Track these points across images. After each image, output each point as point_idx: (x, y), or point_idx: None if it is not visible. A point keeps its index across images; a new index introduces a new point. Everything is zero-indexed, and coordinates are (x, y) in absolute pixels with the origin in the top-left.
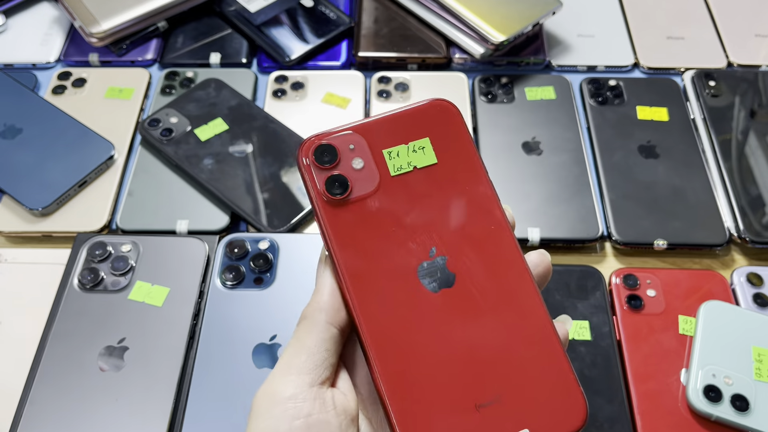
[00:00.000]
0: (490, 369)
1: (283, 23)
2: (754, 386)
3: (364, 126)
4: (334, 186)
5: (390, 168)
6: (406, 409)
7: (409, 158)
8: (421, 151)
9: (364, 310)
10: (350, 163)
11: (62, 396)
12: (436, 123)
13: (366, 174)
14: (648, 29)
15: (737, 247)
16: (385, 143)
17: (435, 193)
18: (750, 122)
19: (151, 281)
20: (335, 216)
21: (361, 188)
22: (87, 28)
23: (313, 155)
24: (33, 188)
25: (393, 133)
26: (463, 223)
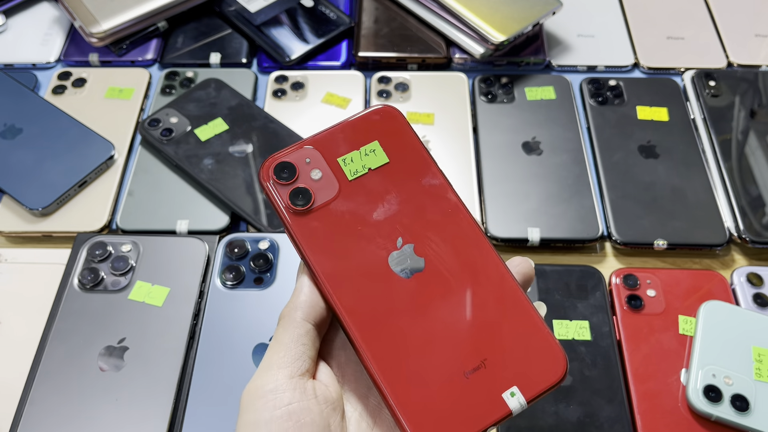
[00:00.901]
0: (471, 338)
1: (283, 23)
2: (754, 386)
3: (316, 139)
4: (297, 198)
5: (347, 173)
6: (401, 387)
7: (363, 161)
8: (372, 153)
9: (344, 304)
10: (309, 175)
11: (62, 396)
12: (382, 127)
13: (325, 183)
14: (648, 29)
15: (737, 247)
16: (338, 152)
17: (392, 188)
18: (750, 122)
19: (151, 281)
20: (303, 225)
21: (322, 196)
22: (87, 28)
23: (273, 174)
24: (33, 188)
25: (344, 141)
26: (423, 212)
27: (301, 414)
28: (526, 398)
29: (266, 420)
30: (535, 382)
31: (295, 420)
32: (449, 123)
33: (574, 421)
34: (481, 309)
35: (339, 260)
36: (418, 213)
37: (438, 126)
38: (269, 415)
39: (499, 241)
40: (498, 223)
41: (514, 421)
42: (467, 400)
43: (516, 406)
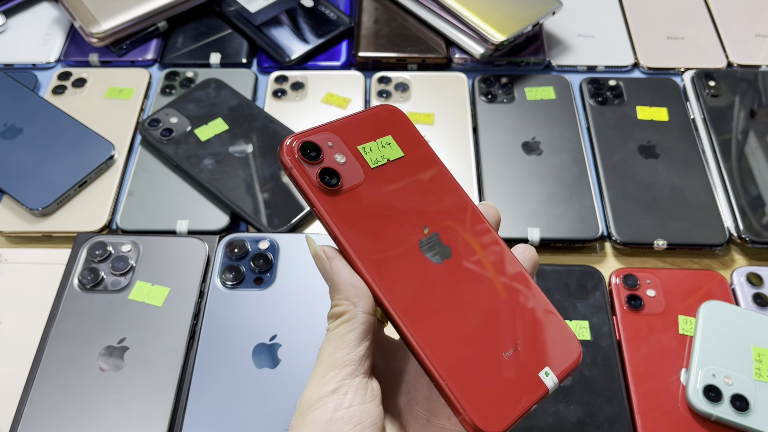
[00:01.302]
0: (504, 323)
1: (283, 23)
2: (754, 386)
3: (335, 126)
4: (328, 177)
5: (368, 161)
6: (452, 369)
7: (381, 152)
8: (388, 146)
9: (388, 289)
10: (334, 158)
11: (62, 396)
12: (391, 123)
13: (350, 167)
14: (648, 29)
15: (737, 247)
16: (357, 140)
17: (411, 180)
18: (750, 122)
19: (151, 281)
20: (335, 206)
21: (350, 179)
22: (87, 28)
23: (300, 152)
24: (33, 188)
25: (360, 132)
26: (441, 203)
27: (362, 416)
28: (558, 377)
29: (327, 421)
30: (561, 363)
31: (356, 422)
32: (449, 123)
33: (574, 421)
34: (507, 295)
35: (374, 243)
36: (437, 204)
37: (438, 126)
38: (330, 416)
39: None
40: None
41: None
42: (511, 381)
43: (551, 384)
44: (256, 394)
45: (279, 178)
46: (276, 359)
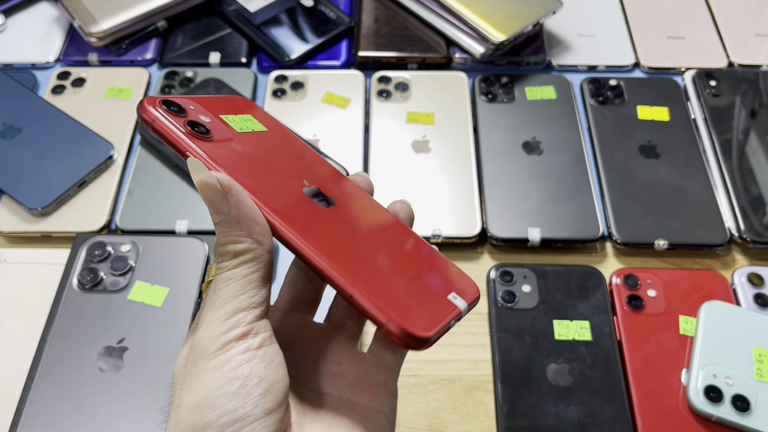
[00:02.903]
0: (402, 256)
1: (282, 23)
2: (755, 386)
3: (192, 97)
4: (196, 126)
5: (235, 127)
6: (369, 285)
7: (245, 124)
8: (250, 121)
9: (291, 224)
10: (198, 117)
11: (62, 396)
12: (248, 108)
13: (217, 126)
14: (648, 29)
15: (738, 247)
16: (218, 111)
17: (280, 148)
18: (751, 122)
19: (150, 281)
20: (212, 151)
21: (219, 135)
22: (86, 28)
23: (163, 104)
24: (32, 188)
25: (220, 106)
26: (314, 168)
27: (274, 355)
28: (466, 302)
29: (239, 361)
30: (464, 292)
31: (268, 360)
32: (449, 123)
33: (575, 421)
34: (399, 238)
35: (262, 186)
36: (311, 168)
37: (438, 126)
38: (242, 356)
39: (500, 241)
40: (498, 223)
41: (514, 421)
42: (423, 299)
43: (462, 306)
44: None
45: None
46: None
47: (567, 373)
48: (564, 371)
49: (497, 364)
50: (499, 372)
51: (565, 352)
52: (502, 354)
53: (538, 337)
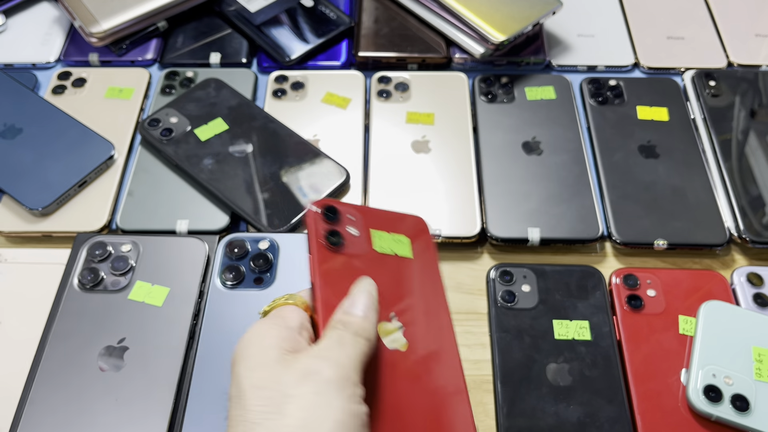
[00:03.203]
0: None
1: (283, 23)
2: (755, 386)
3: (366, 208)
4: (332, 236)
5: (375, 244)
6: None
7: (390, 244)
8: (400, 243)
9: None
10: (346, 227)
11: (62, 396)
12: (416, 231)
13: (357, 240)
14: (648, 29)
15: (737, 247)
16: (375, 226)
17: (403, 280)
18: (750, 122)
19: (151, 281)
20: (325, 259)
21: (351, 249)
22: (87, 28)
23: (324, 208)
24: (33, 188)
25: (383, 222)
26: (422, 312)
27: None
28: None
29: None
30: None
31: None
32: (449, 123)
33: (574, 421)
34: (433, 399)
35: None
36: (418, 310)
37: (438, 126)
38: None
39: (500, 241)
40: (498, 223)
41: (514, 420)
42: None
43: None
44: None
45: (279, 177)
46: None
47: (567, 372)
48: (564, 371)
49: (497, 363)
50: (499, 372)
51: (564, 352)
52: (502, 354)
53: (537, 336)
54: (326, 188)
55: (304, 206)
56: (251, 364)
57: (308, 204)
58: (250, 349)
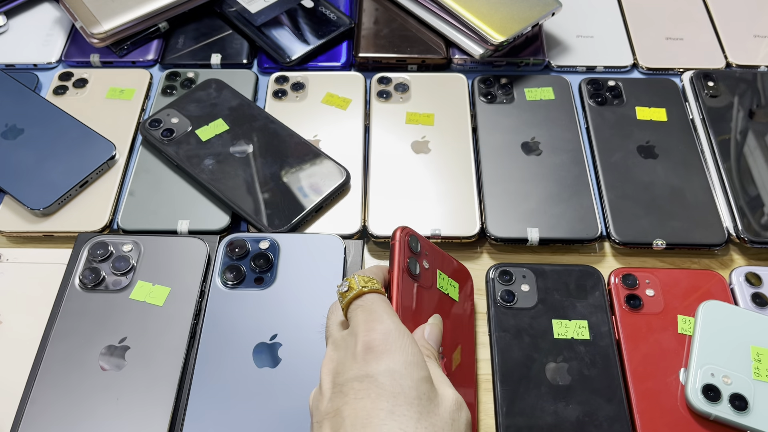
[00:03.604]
0: None
1: (283, 24)
2: (753, 385)
3: (434, 246)
4: (412, 266)
5: (438, 283)
6: None
7: (447, 286)
8: (453, 287)
9: None
10: (422, 261)
11: (63, 395)
12: (463, 279)
13: (428, 275)
14: (647, 30)
15: (736, 247)
16: (440, 266)
17: (451, 318)
18: (748, 122)
19: (152, 281)
20: (405, 284)
21: (423, 281)
22: (88, 29)
23: (408, 237)
24: (34, 188)
25: (445, 264)
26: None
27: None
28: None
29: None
30: None
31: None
32: (449, 123)
33: (574, 420)
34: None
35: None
36: (453, 345)
37: (438, 126)
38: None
39: (499, 241)
40: (497, 223)
41: (513, 419)
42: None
43: None
44: (256, 394)
45: (280, 178)
46: (276, 358)
47: (566, 372)
48: (563, 370)
49: (496, 363)
50: (499, 371)
51: (563, 351)
52: (501, 353)
53: (537, 336)
54: (326, 188)
55: (304, 206)
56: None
57: (395, 229)
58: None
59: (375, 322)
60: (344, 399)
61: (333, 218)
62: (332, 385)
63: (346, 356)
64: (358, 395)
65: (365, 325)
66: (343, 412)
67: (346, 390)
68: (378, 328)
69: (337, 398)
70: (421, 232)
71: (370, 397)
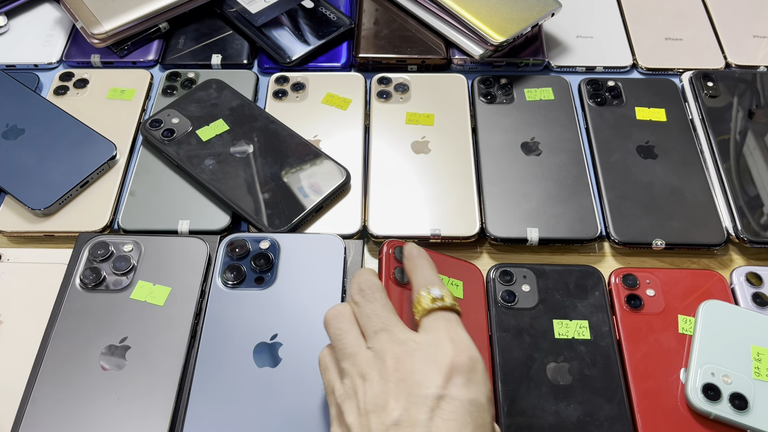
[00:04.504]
0: None
1: (283, 24)
2: (753, 385)
3: (431, 252)
4: (398, 274)
5: None
6: None
7: (447, 287)
8: (455, 286)
9: None
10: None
11: (64, 395)
12: (470, 276)
13: None
14: (646, 30)
15: (735, 246)
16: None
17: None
18: (748, 123)
19: (152, 281)
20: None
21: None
22: (89, 30)
23: (392, 250)
24: (35, 188)
25: (443, 266)
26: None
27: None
28: None
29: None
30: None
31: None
32: (449, 123)
33: (574, 420)
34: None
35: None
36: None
37: (438, 126)
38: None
39: (499, 241)
40: (497, 224)
41: (514, 419)
42: None
43: None
44: (257, 393)
45: (280, 178)
46: (277, 358)
47: (566, 371)
48: (563, 370)
49: (497, 363)
50: (499, 371)
51: (564, 351)
52: (502, 353)
53: (537, 336)
54: (326, 188)
55: (304, 206)
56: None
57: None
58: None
59: (463, 344)
60: (428, 414)
61: (333, 218)
62: (399, 384)
63: (424, 363)
64: (444, 415)
65: (453, 345)
66: (431, 428)
67: (426, 408)
68: (465, 353)
69: (414, 409)
70: (421, 232)
71: (457, 421)
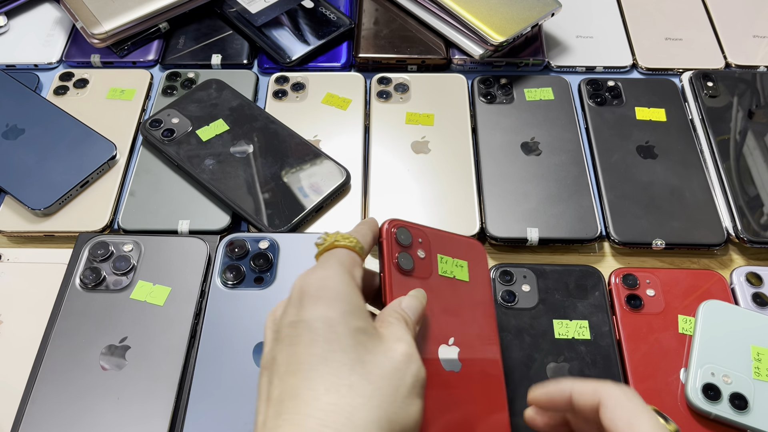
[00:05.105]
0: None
1: (283, 24)
2: (753, 385)
3: (431, 230)
4: (406, 262)
5: (440, 268)
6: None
7: (452, 269)
8: (460, 267)
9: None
10: (416, 251)
11: (64, 395)
12: (474, 254)
13: (423, 264)
14: (646, 30)
15: (735, 246)
16: (440, 249)
17: (461, 302)
18: (748, 123)
19: (152, 281)
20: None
21: (418, 272)
22: (89, 29)
23: (395, 231)
24: (35, 188)
25: (447, 246)
26: (474, 332)
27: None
28: None
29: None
30: None
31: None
32: (449, 123)
33: None
34: (476, 413)
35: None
36: (467, 331)
37: (438, 126)
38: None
39: (499, 241)
40: (497, 224)
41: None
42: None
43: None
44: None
45: (280, 178)
46: None
47: (567, 371)
48: (564, 370)
49: None
50: None
51: (564, 351)
52: (503, 353)
53: (537, 336)
54: (327, 188)
55: (304, 206)
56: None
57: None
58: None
59: (319, 268)
60: (279, 346)
61: (333, 218)
62: (271, 332)
63: (287, 303)
64: (292, 341)
65: (308, 271)
66: (278, 359)
67: (281, 337)
68: (318, 274)
69: (274, 346)
70: None
71: (303, 343)
